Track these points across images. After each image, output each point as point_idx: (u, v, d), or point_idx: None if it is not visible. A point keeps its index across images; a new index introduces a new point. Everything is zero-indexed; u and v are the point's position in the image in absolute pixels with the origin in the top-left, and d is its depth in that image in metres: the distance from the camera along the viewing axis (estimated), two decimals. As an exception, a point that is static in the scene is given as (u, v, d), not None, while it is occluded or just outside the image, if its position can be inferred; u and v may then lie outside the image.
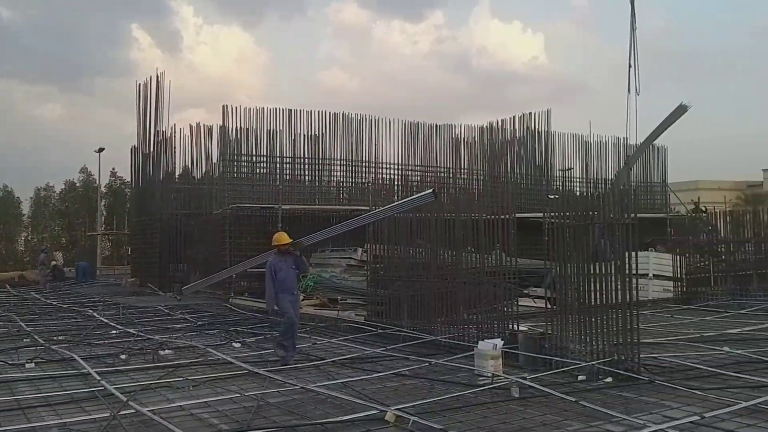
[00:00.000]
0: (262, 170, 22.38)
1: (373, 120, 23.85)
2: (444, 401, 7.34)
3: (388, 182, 23.98)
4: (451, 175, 25.17)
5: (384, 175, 23.94)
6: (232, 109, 21.63)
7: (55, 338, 12.73)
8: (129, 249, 36.05)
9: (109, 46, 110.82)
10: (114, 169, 58.79)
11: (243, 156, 21.89)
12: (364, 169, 23.61)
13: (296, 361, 9.94)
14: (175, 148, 27.30)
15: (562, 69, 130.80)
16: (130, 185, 36.56)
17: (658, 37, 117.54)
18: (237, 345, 11.77)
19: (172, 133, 27.34)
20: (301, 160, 22.70)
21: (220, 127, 22.09)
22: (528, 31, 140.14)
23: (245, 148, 21.87)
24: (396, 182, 24.14)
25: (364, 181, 23.72)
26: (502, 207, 11.66)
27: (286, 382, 8.46)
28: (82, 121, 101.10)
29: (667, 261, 19.05)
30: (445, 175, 25.04)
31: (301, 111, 22.72)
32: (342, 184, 23.62)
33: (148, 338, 12.58)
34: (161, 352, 10.93)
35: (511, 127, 26.77)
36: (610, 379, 8.21)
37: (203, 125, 26.46)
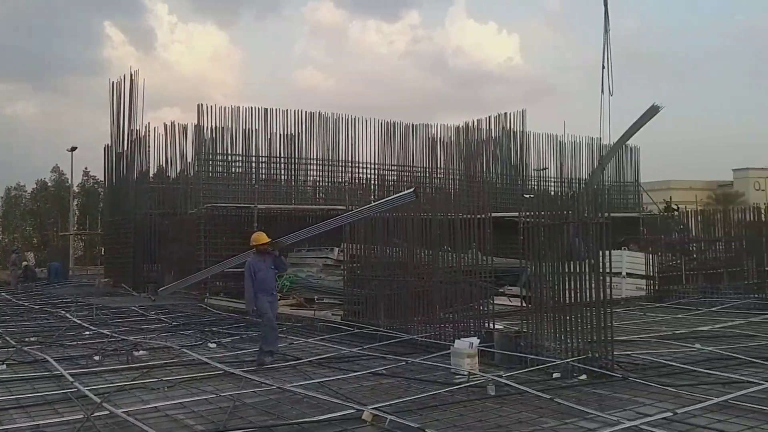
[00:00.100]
0: (237, 169, 22.22)
1: (349, 119, 23.77)
2: (421, 400, 7.37)
3: (365, 182, 23.96)
4: (428, 175, 25.21)
5: (360, 175, 23.88)
6: (208, 108, 21.46)
7: (27, 339, 12.53)
8: (102, 249, 35.57)
9: (82, 44, 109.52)
10: (87, 168, 58.12)
11: (218, 155, 21.71)
12: (341, 169, 23.54)
13: (272, 361, 9.92)
14: (150, 147, 27.01)
15: (537, 70, 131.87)
16: (104, 185, 36.17)
17: (631, 39, 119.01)
18: (212, 345, 11.70)
19: (146, 132, 27.08)
20: (277, 160, 22.54)
21: (195, 126, 21.85)
22: (503, 32, 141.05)
23: (221, 147, 21.69)
24: (372, 182, 24.14)
25: (340, 180, 23.65)
26: (478, 206, 11.74)
27: (263, 383, 8.44)
28: (54, 120, 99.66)
29: (639, 260, 19.31)
30: (422, 174, 25.07)
31: (277, 110, 22.60)
32: (318, 184, 23.50)
33: (122, 339, 12.45)
34: (135, 353, 10.82)
35: (487, 127, 26.88)
36: (584, 377, 8.31)
37: (178, 124, 26.22)
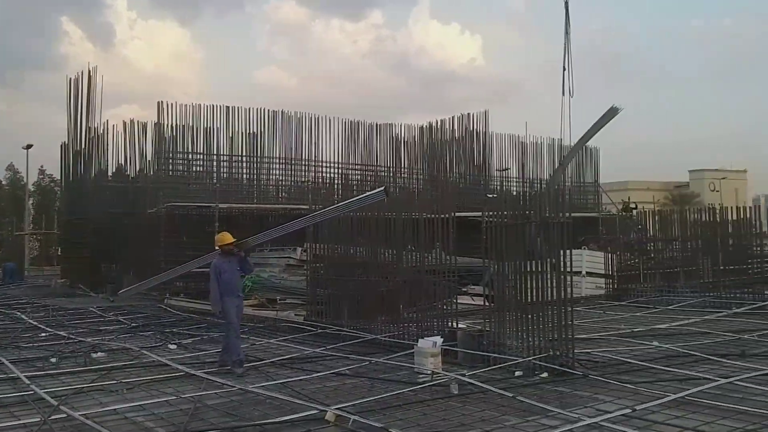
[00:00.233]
0: (198, 168, 21.97)
1: (312, 118, 23.69)
2: (384, 399, 7.37)
3: (328, 181, 23.88)
4: (392, 175, 25.23)
5: (324, 174, 23.82)
6: (168, 105, 21.17)
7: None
8: (58, 249, 34.75)
9: (39, 40, 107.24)
10: (43, 166, 56.92)
11: (179, 154, 21.43)
12: (304, 168, 23.45)
13: (245, 371, 9.66)
14: (108, 145, 26.46)
15: (500, 71, 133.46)
16: (61, 183, 35.32)
17: (593, 41, 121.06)
18: (173, 347, 11.53)
19: (104, 130, 26.52)
20: (239, 159, 22.36)
21: (155, 124, 21.53)
22: (466, 33, 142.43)
23: (181, 145, 21.41)
24: (336, 181, 24.07)
25: (303, 179, 23.55)
26: (441, 206, 11.78)
27: (224, 384, 8.34)
28: (9, 117, 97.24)
29: (599, 259, 19.63)
30: (386, 174, 25.09)
31: (239, 108, 22.37)
32: (281, 183, 23.37)
33: (80, 341, 12.18)
34: (94, 355, 10.60)
35: (450, 127, 27.05)
36: (545, 375, 8.41)
37: (137, 122, 25.71)
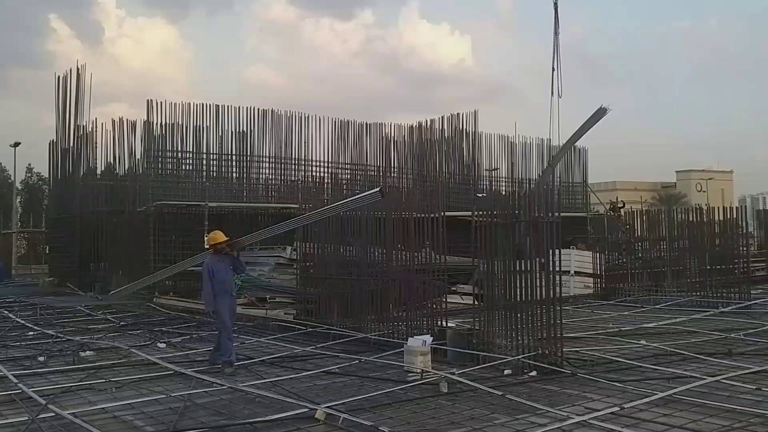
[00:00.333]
0: (187, 167, 21.85)
1: (302, 117, 23.64)
2: (374, 398, 7.39)
3: (319, 180, 23.87)
4: (382, 174, 25.24)
5: (314, 173, 23.81)
6: (157, 103, 21.07)
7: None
8: (47, 248, 34.46)
9: (26, 37, 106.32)
10: (30, 164, 56.36)
11: (168, 152, 21.32)
12: (294, 167, 23.42)
13: (233, 371, 9.63)
14: (97, 143, 26.27)
15: (488, 71, 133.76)
16: (49, 181, 35.07)
17: (581, 42, 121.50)
18: (162, 345, 11.50)
19: (93, 128, 26.33)
20: (229, 157, 22.29)
21: (145, 122, 21.45)
22: (456, 33, 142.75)
23: (170, 144, 21.30)
24: (326, 180, 24.05)
25: (293, 178, 23.51)
26: (431, 206, 11.82)
27: (214, 382, 8.33)
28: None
29: (587, 258, 19.73)
30: (375, 173, 25.10)
31: (229, 107, 22.29)
32: (271, 182, 23.32)
33: (68, 339, 12.13)
34: (82, 354, 10.55)
35: (440, 127, 27.10)
36: (534, 373, 8.45)
37: (126, 120, 25.56)
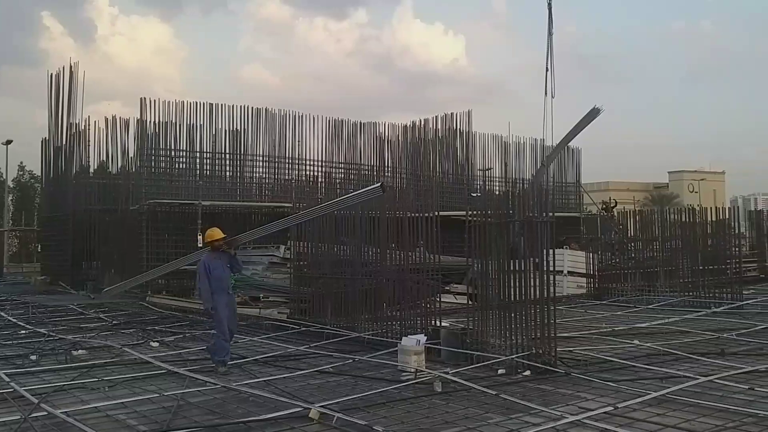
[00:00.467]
0: (181, 165, 21.79)
1: (296, 116, 23.62)
2: (368, 397, 7.39)
3: (312, 179, 23.84)
4: (376, 173, 25.23)
5: (308, 172, 23.77)
6: (151, 102, 20.99)
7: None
8: (39, 246, 34.30)
9: (18, 34, 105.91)
10: (22, 162, 56.17)
11: (161, 151, 21.26)
12: (288, 166, 23.39)
13: (226, 371, 9.56)
14: (90, 141, 26.17)
15: (482, 71, 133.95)
16: (41, 179, 34.92)
17: (575, 42, 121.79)
18: (155, 344, 11.47)
19: (86, 126, 26.25)
20: (222, 156, 22.25)
21: (138, 120, 21.36)
22: (449, 33, 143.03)
23: (164, 142, 21.23)
24: (320, 179, 24.03)
25: (287, 177, 23.47)
26: (425, 205, 11.82)
27: (207, 381, 8.31)
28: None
29: (580, 258, 19.78)
30: (369, 173, 25.09)
31: (223, 106, 22.23)
32: (265, 181, 23.29)
33: (60, 338, 12.07)
34: (74, 352, 10.52)
35: (434, 126, 27.12)
36: (528, 373, 8.47)
37: (120, 118, 25.45)
